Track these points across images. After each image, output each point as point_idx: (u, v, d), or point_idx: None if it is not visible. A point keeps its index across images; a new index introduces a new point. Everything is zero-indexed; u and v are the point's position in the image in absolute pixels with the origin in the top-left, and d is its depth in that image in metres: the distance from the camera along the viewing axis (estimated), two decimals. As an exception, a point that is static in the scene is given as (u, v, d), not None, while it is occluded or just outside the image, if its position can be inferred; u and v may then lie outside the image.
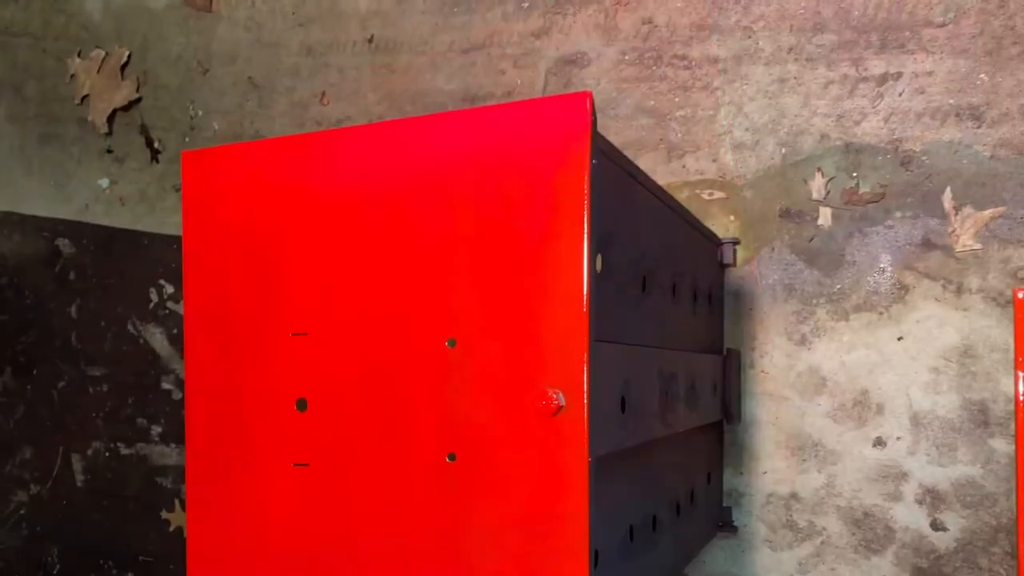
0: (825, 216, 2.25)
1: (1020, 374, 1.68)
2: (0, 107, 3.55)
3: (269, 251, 1.43)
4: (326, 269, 1.38)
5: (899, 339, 2.18)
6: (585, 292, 1.18)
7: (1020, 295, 1.70)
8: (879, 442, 2.20)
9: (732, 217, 2.35)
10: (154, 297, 3.19)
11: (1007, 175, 2.10)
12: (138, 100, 3.26)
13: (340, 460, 1.37)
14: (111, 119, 3.31)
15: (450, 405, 1.28)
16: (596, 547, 1.23)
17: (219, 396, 1.48)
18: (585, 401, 1.18)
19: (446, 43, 2.74)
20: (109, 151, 3.31)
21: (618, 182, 1.38)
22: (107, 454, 3.30)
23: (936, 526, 2.15)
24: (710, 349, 2.17)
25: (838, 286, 2.23)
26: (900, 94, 2.18)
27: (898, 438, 2.18)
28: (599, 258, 1.23)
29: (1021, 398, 1.68)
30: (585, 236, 1.18)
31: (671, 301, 1.76)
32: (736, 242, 2.29)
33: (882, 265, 2.19)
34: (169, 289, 3.16)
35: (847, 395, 2.23)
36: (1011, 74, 2.10)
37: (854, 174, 2.23)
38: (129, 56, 3.28)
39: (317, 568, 1.39)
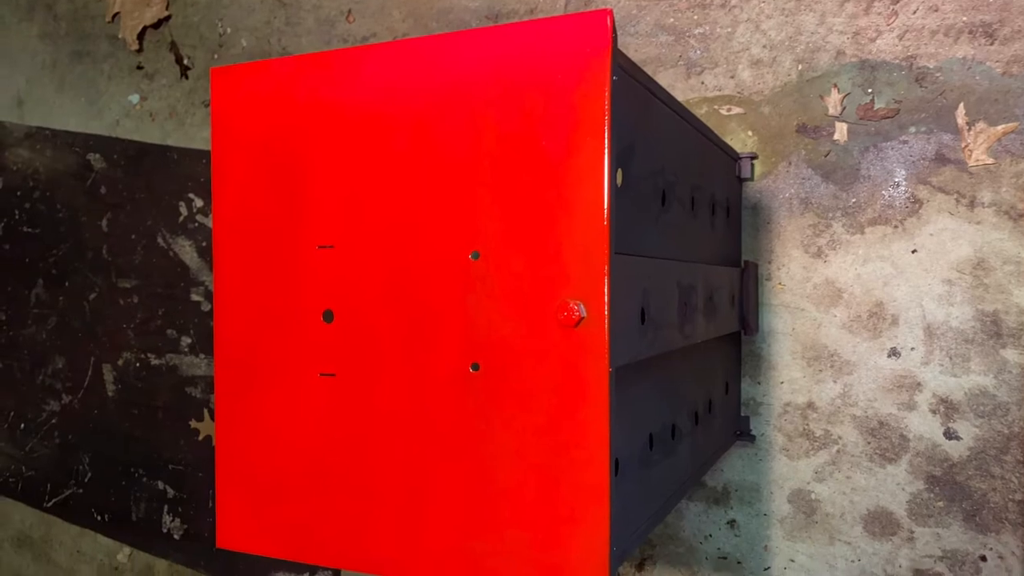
0: (841, 131, 2.26)
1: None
2: (32, 25, 3.57)
3: (296, 165, 1.46)
4: (352, 183, 1.41)
5: (913, 252, 2.20)
6: (606, 206, 1.20)
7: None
8: (894, 352, 2.22)
9: (750, 132, 2.36)
10: (183, 211, 3.22)
11: (1019, 91, 2.10)
12: (168, 18, 3.27)
13: (366, 370, 1.40)
14: (141, 36, 3.32)
15: (473, 316, 1.31)
16: (616, 455, 1.27)
17: (247, 307, 1.51)
18: (605, 312, 1.21)
19: (469, -41, 2.75)
20: (139, 68, 3.33)
21: (638, 98, 1.40)
22: (137, 364, 3.36)
23: (949, 435, 2.18)
24: (728, 262, 2.19)
25: (853, 200, 2.25)
26: (914, 12, 2.18)
27: (912, 349, 2.21)
28: (619, 172, 1.26)
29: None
30: (605, 151, 1.20)
31: (690, 215, 1.78)
32: (754, 157, 2.31)
33: (896, 179, 2.20)
34: (198, 203, 3.19)
35: (862, 307, 2.25)
36: (1025, -9, 2.10)
37: (869, 90, 2.23)
38: (158, -27, 3.30)
39: (342, 475, 1.43)
